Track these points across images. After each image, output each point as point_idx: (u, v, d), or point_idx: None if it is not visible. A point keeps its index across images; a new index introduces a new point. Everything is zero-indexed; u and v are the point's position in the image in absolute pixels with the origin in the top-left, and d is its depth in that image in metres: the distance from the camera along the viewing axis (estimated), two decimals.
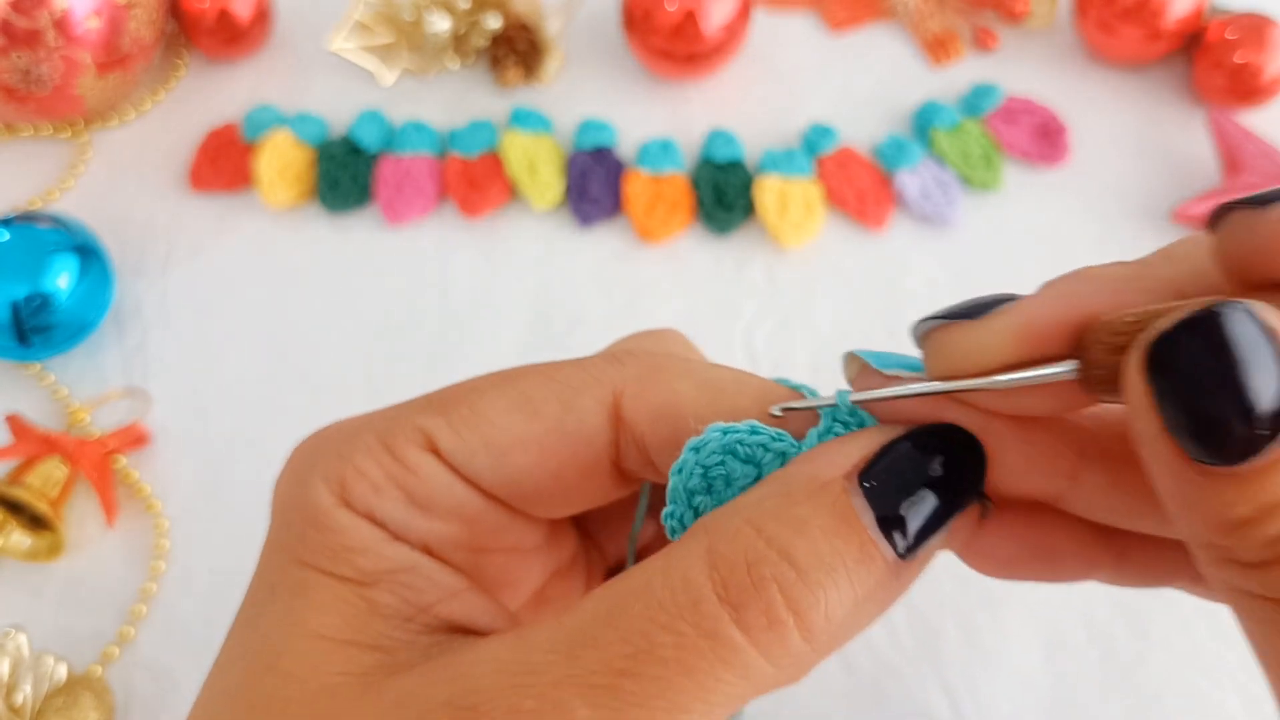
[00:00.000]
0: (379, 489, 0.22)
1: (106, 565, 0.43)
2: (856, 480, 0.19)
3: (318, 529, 0.21)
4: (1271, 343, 0.16)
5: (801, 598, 0.17)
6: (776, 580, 0.17)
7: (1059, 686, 0.40)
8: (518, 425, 0.21)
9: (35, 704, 0.39)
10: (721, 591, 0.17)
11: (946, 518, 0.19)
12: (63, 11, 0.48)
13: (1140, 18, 0.52)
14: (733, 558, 0.17)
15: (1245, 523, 0.16)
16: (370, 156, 0.52)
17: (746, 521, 0.18)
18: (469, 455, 0.22)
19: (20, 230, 0.46)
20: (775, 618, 0.17)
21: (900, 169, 0.51)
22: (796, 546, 0.17)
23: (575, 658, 0.17)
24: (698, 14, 0.51)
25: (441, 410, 0.22)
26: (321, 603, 0.21)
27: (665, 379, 0.21)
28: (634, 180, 0.51)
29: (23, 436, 0.44)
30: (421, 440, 0.22)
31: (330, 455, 0.22)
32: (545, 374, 0.22)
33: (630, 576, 0.18)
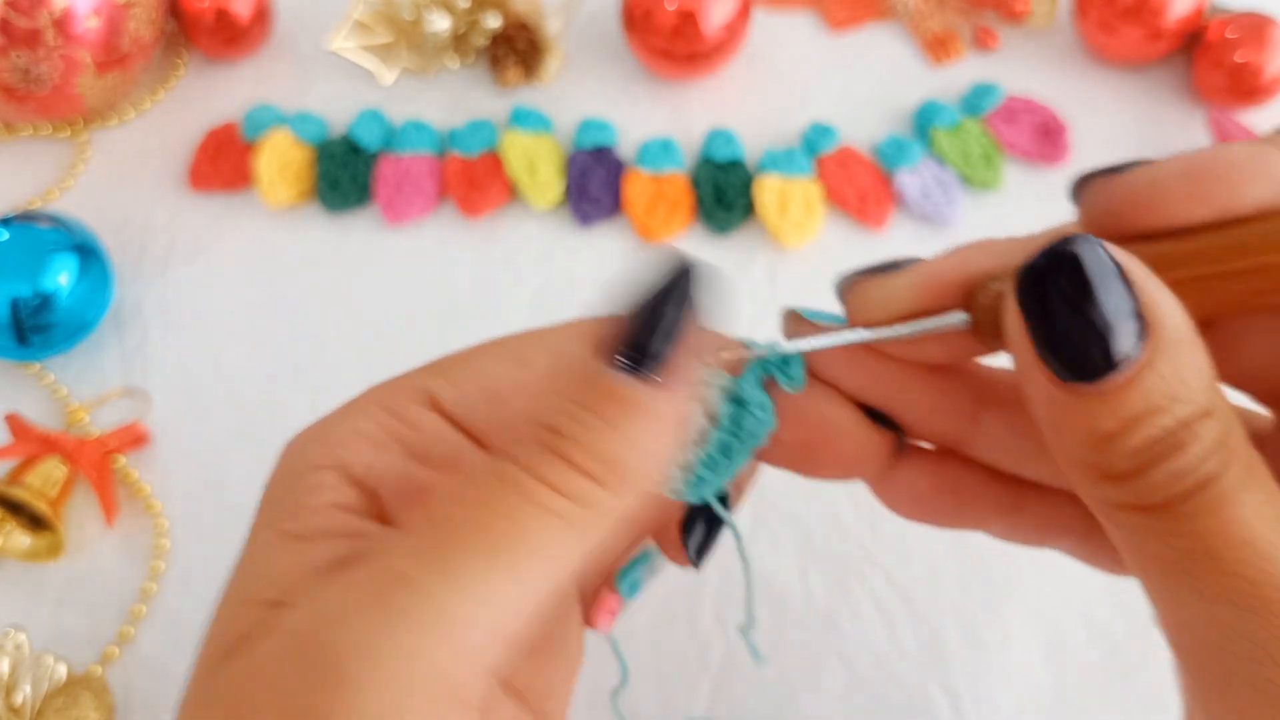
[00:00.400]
0: (379, 444, 0.23)
1: (106, 565, 0.43)
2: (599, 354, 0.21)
3: (290, 489, 0.23)
4: (1119, 270, 0.18)
5: (560, 445, 0.20)
6: (540, 442, 0.20)
7: (1059, 686, 0.40)
8: (510, 372, 0.24)
9: (35, 704, 0.39)
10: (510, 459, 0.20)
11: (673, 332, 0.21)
12: (62, 11, 0.48)
13: (1140, 17, 0.52)
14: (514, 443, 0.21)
15: (1112, 436, 0.18)
16: (370, 156, 0.52)
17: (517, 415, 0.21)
18: (469, 405, 0.23)
19: (20, 230, 0.46)
20: (550, 463, 0.20)
21: (900, 168, 0.51)
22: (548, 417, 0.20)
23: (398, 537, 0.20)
24: (698, 14, 0.51)
25: (437, 370, 0.24)
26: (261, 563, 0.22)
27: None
28: (634, 180, 0.51)
29: (22, 436, 0.44)
30: (421, 398, 0.23)
31: (328, 423, 0.24)
32: (534, 333, 0.25)
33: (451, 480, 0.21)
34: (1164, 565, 0.19)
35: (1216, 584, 0.18)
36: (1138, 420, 0.18)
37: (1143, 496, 0.18)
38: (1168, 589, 0.19)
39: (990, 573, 0.42)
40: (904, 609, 0.41)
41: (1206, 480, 0.18)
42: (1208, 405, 0.18)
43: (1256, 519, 0.18)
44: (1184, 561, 0.18)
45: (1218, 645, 0.18)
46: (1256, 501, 0.18)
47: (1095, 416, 0.18)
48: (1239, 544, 0.18)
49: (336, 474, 0.23)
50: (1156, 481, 0.18)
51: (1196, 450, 0.18)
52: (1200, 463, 0.18)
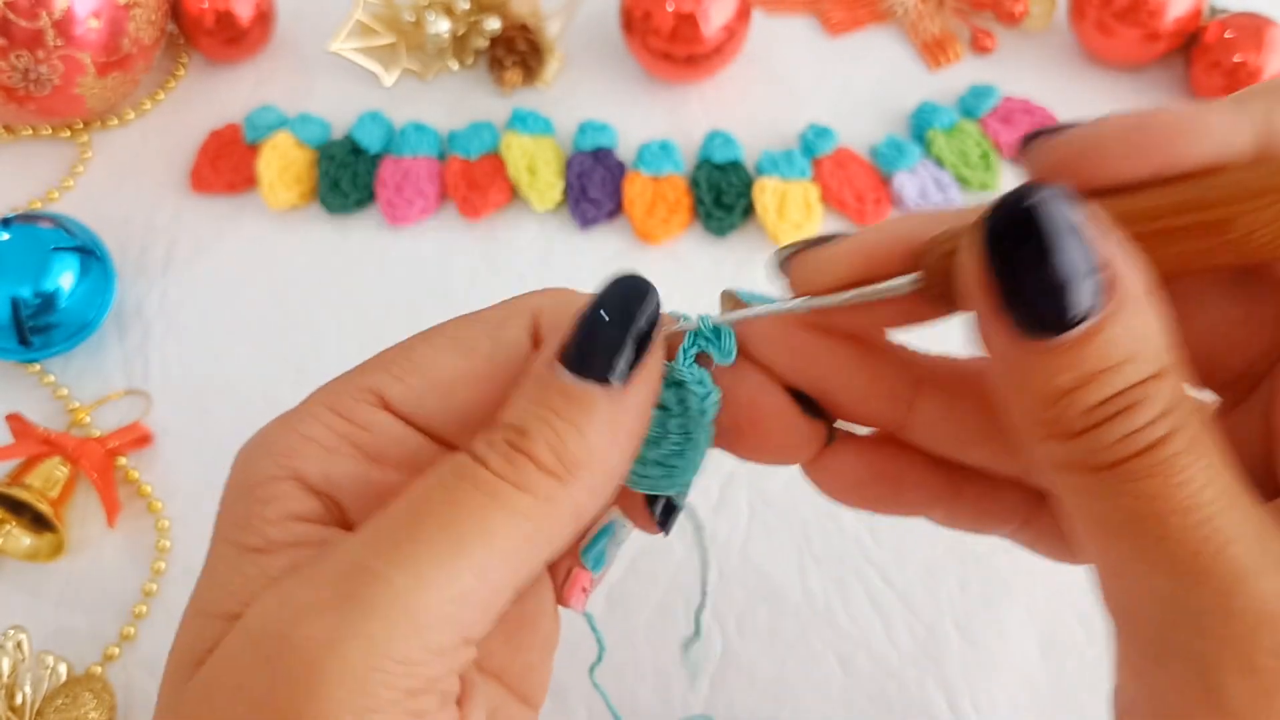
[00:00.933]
0: (333, 449, 0.23)
1: (107, 565, 0.43)
2: (558, 359, 0.22)
3: (247, 500, 0.22)
4: (1081, 224, 0.18)
5: (524, 444, 0.21)
6: (508, 440, 0.21)
7: (1057, 685, 0.40)
8: (454, 363, 0.24)
9: (36, 703, 0.39)
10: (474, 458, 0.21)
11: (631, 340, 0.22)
12: (63, 12, 0.48)
13: (1138, 18, 0.53)
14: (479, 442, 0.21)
15: (1066, 392, 0.18)
16: (371, 157, 0.52)
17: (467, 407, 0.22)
18: (417, 400, 0.23)
19: (21, 230, 0.46)
20: (515, 461, 0.21)
21: (898, 170, 0.51)
22: (512, 417, 0.21)
23: (362, 531, 0.20)
24: (697, 16, 0.51)
25: (380, 366, 0.24)
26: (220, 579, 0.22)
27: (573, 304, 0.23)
28: (634, 181, 0.51)
29: (24, 436, 0.44)
30: (369, 397, 0.23)
31: (276, 430, 0.23)
32: (469, 317, 0.25)
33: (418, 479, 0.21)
34: (1107, 528, 0.19)
35: (1157, 550, 0.18)
36: (1094, 377, 0.18)
37: (1092, 455, 0.18)
38: (1110, 551, 0.19)
39: (987, 571, 0.42)
40: (901, 607, 0.41)
41: (1156, 443, 0.18)
42: (1163, 367, 0.18)
43: (1202, 487, 0.18)
44: (1128, 524, 0.18)
45: (1154, 613, 0.19)
46: (1203, 469, 0.18)
47: (1052, 372, 0.18)
48: (1183, 510, 0.18)
49: (292, 483, 0.22)
50: (1107, 440, 0.18)
51: (1148, 412, 0.18)
52: (1151, 425, 0.18)
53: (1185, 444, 0.18)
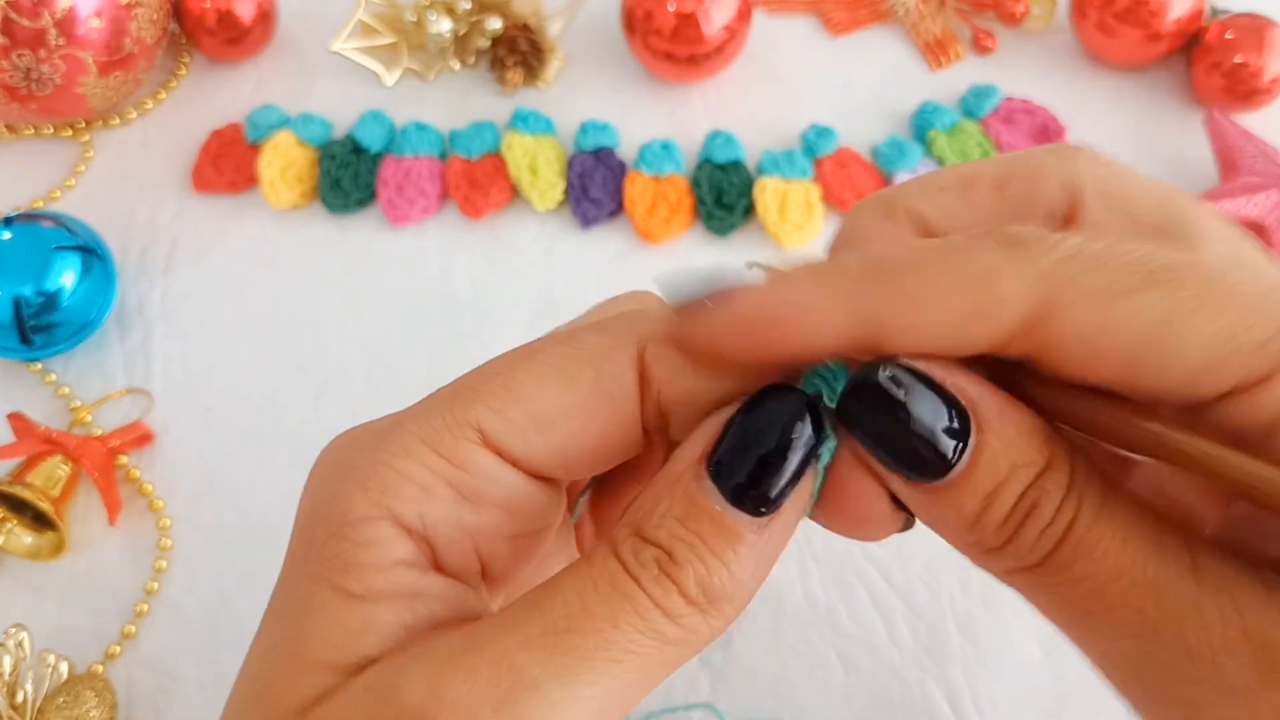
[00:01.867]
0: (429, 489, 0.21)
1: (109, 563, 0.43)
2: (705, 463, 0.21)
3: (340, 540, 0.21)
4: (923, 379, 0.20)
5: (674, 573, 0.20)
6: (656, 561, 0.20)
7: (1059, 684, 0.40)
8: (557, 395, 0.22)
9: (37, 702, 0.39)
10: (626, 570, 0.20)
11: (791, 475, 0.21)
12: (65, 12, 0.48)
13: (1139, 19, 0.53)
14: (629, 554, 0.20)
15: (977, 516, 0.20)
16: (372, 157, 0.52)
17: (632, 528, 0.21)
18: (518, 435, 0.22)
19: (23, 230, 0.46)
20: (664, 586, 0.20)
21: (899, 170, 0.51)
22: (660, 537, 0.20)
23: (516, 628, 0.20)
24: (698, 16, 0.51)
25: (479, 397, 0.22)
26: (319, 628, 0.21)
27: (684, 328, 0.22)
28: (635, 181, 0.51)
29: (25, 435, 0.44)
30: (468, 433, 0.22)
31: (367, 461, 0.22)
32: (569, 343, 0.23)
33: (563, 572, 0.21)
34: (1064, 614, 0.20)
35: (1109, 621, 0.19)
36: (993, 495, 0.19)
37: (1022, 560, 0.20)
38: (1076, 633, 0.20)
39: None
40: (903, 606, 0.41)
41: (1067, 530, 0.19)
42: (1047, 458, 0.19)
43: (1123, 548, 0.19)
44: (1078, 607, 0.19)
45: (1134, 675, 0.19)
46: (1117, 532, 0.19)
47: (956, 504, 0.20)
48: (1115, 576, 0.19)
49: (389, 525, 0.21)
50: (1026, 545, 0.19)
51: (1048, 506, 0.19)
52: (1056, 516, 0.19)
53: (1092, 516, 0.19)
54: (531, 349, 0.23)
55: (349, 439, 0.23)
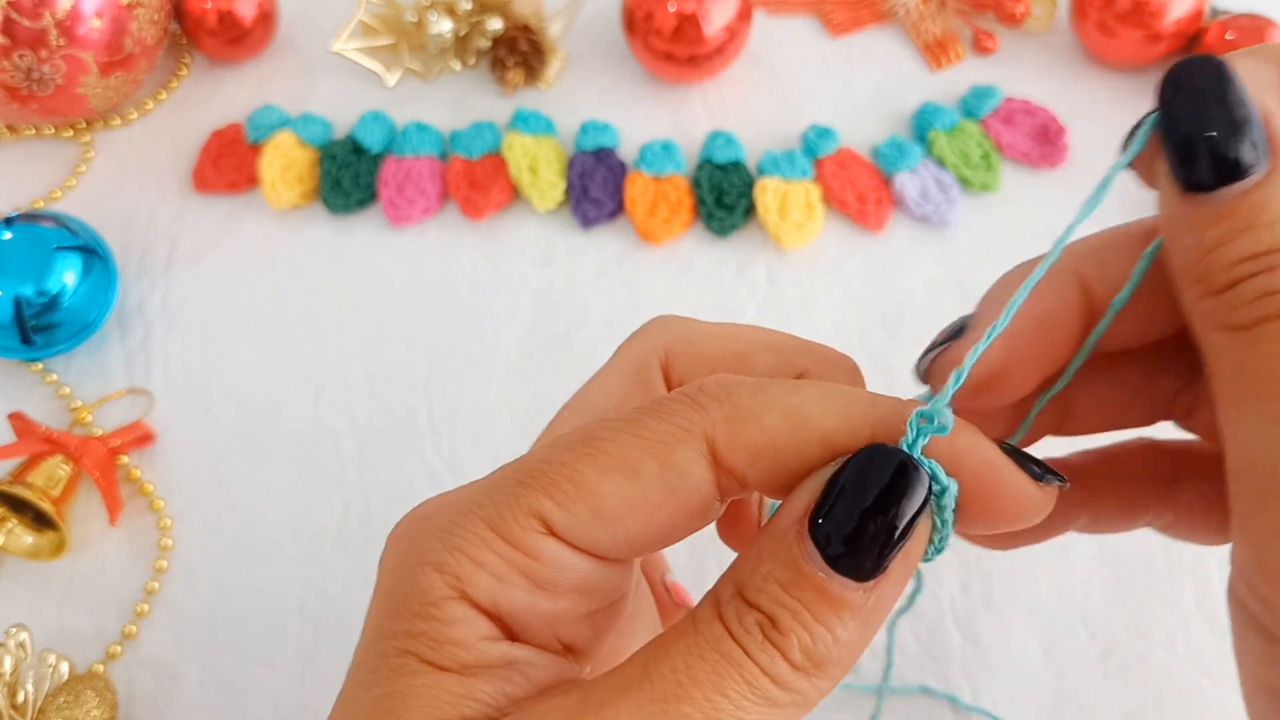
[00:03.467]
0: (502, 579, 0.22)
1: (109, 563, 0.43)
2: (807, 525, 0.20)
3: (426, 619, 0.21)
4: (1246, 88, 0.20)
5: (779, 640, 0.20)
6: (760, 627, 0.20)
7: (1059, 685, 0.40)
8: (621, 490, 0.22)
9: (38, 702, 0.39)
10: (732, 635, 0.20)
11: (895, 537, 0.20)
12: (66, 12, 0.48)
13: (1139, 19, 0.53)
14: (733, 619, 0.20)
15: (1215, 246, 0.20)
16: (373, 157, 0.52)
17: (732, 583, 0.21)
18: (583, 529, 0.22)
19: (24, 230, 0.46)
20: (770, 653, 0.20)
21: (899, 170, 0.51)
22: (763, 603, 0.20)
23: (626, 694, 0.20)
24: (699, 16, 0.51)
25: (543, 488, 0.22)
26: (419, 689, 0.21)
27: (753, 418, 0.22)
28: (635, 182, 0.51)
29: (26, 435, 0.44)
30: (535, 524, 0.22)
31: (440, 545, 0.22)
32: (630, 432, 0.22)
33: (671, 632, 0.21)
34: (1237, 387, 0.20)
35: (1276, 407, 0.19)
36: (1240, 232, 0.19)
37: (1233, 313, 0.20)
38: (1234, 408, 0.20)
39: (989, 571, 0.42)
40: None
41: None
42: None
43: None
44: (1255, 383, 0.19)
45: (1263, 465, 0.20)
46: None
47: (1205, 225, 0.20)
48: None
49: (466, 605, 0.21)
50: (1245, 297, 0.19)
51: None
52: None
53: None
54: (594, 435, 0.22)
55: (422, 517, 0.23)
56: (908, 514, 0.20)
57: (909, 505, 0.20)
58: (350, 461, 0.45)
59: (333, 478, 0.45)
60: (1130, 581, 0.42)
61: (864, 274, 0.50)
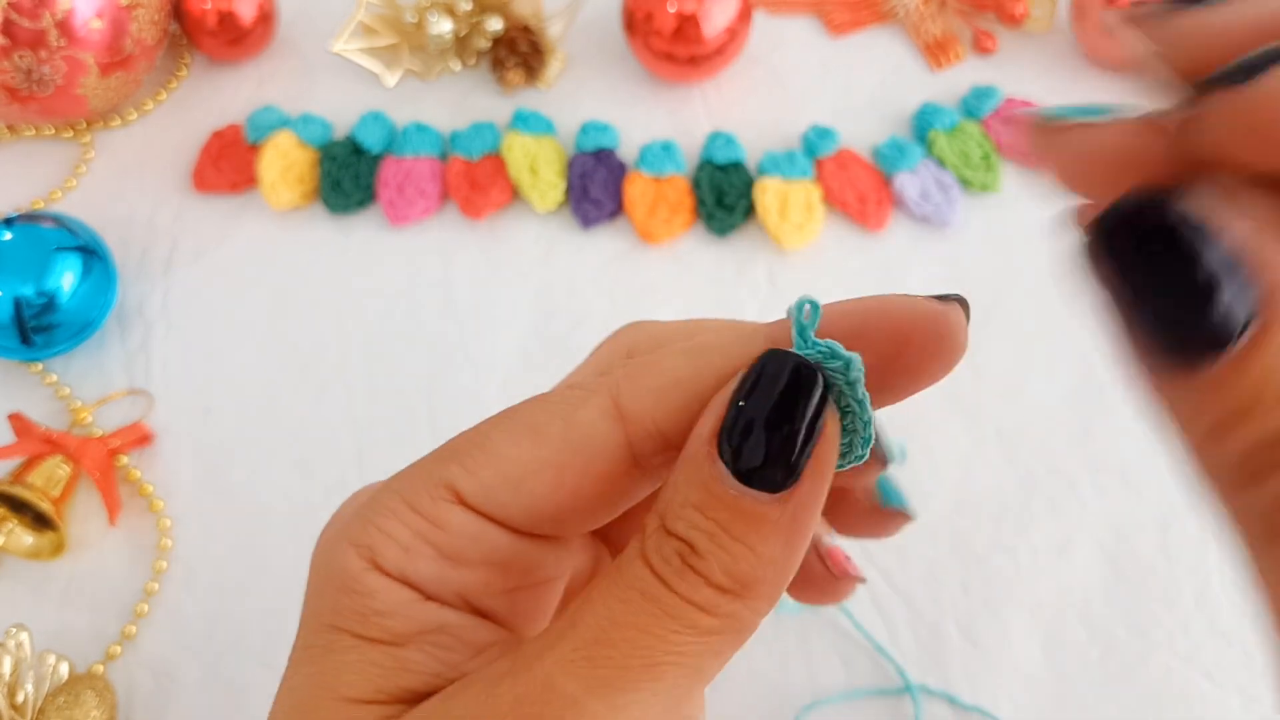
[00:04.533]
0: (409, 549, 0.22)
1: (109, 564, 0.43)
2: (714, 444, 0.20)
3: (348, 594, 0.22)
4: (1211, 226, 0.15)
5: (699, 564, 0.19)
6: (680, 555, 0.20)
7: (1059, 686, 0.40)
8: (526, 452, 0.22)
9: (37, 702, 0.39)
10: (654, 573, 0.20)
11: (799, 443, 0.19)
12: (65, 12, 0.48)
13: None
14: (652, 550, 0.20)
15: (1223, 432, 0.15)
16: (373, 158, 0.52)
17: (656, 516, 0.20)
18: (489, 494, 0.22)
19: (23, 230, 0.46)
20: (691, 582, 0.19)
21: (900, 171, 0.51)
22: (679, 529, 0.20)
23: (552, 647, 0.20)
24: (699, 17, 0.51)
25: (454, 458, 0.22)
26: (350, 664, 0.21)
27: (652, 363, 0.22)
28: (635, 182, 0.51)
29: (25, 435, 0.44)
30: (443, 492, 0.22)
31: (356, 520, 0.22)
32: (542, 400, 0.23)
33: (599, 581, 0.21)
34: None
35: None
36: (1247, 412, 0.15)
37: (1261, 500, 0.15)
38: None
39: (989, 572, 0.42)
40: (903, 608, 0.41)
41: None
42: None
43: None
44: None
45: None
46: None
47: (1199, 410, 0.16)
48: None
49: (382, 575, 0.22)
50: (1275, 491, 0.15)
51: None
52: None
53: None
54: (512, 409, 0.23)
55: (351, 499, 0.23)
56: (807, 414, 0.19)
57: (806, 403, 0.19)
58: (350, 461, 0.45)
59: (333, 478, 0.45)
60: (1130, 582, 0.42)
61: (864, 274, 0.50)
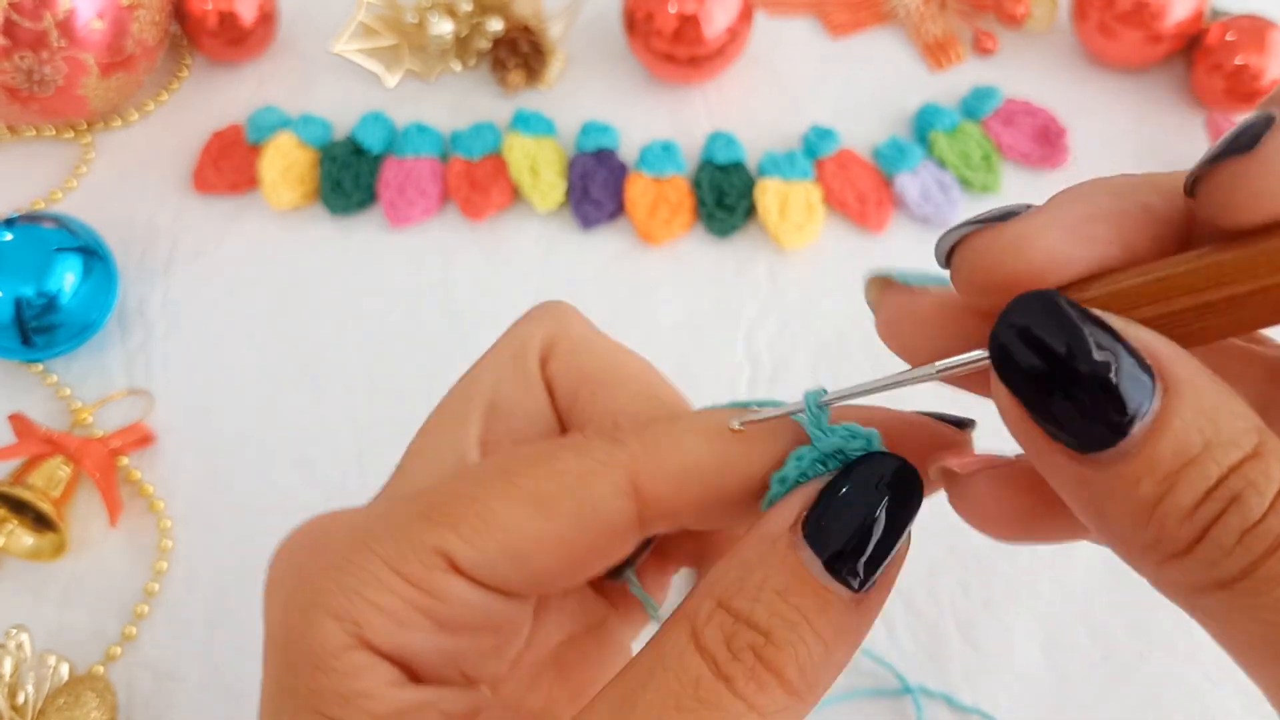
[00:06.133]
0: (404, 622, 0.20)
1: (109, 565, 0.43)
2: (801, 531, 0.19)
3: (327, 672, 0.20)
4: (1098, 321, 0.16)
5: (774, 658, 0.18)
6: (752, 648, 0.18)
7: (1060, 686, 0.40)
8: (533, 527, 0.21)
9: (38, 703, 0.39)
10: (714, 668, 0.18)
11: (893, 543, 0.19)
12: (66, 13, 0.48)
13: (1140, 20, 0.53)
14: (713, 638, 0.18)
15: (1157, 500, 0.16)
16: (373, 158, 0.52)
17: (716, 601, 0.19)
18: (490, 567, 0.21)
19: (24, 231, 0.46)
20: (761, 681, 0.18)
21: (900, 171, 0.51)
22: (758, 614, 0.18)
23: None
24: (699, 17, 0.51)
25: (448, 522, 0.21)
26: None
27: (672, 443, 0.21)
28: (636, 182, 0.51)
29: (26, 436, 0.44)
30: (438, 561, 0.20)
31: (335, 588, 0.20)
32: (545, 466, 0.21)
33: (635, 669, 0.19)
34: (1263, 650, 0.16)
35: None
36: (1178, 475, 0.16)
37: (1215, 569, 0.16)
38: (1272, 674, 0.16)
39: (989, 573, 0.42)
40: (903, 609, 0.41)
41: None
42: (1256, 444, 0.16)
43: None
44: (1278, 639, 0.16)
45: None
46: None
47: (1131, 483, 0.16)
48: None
49: (367, 654, 0.20)
50: (1224, 546, 0.15)
51: (1257, 500, 0.15)
52: (1269, 515, 0.15)
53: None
54: (506, 469, 0.21)
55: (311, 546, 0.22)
56: (908, 520, 0.19)
57: (908, 510, 0.19)
58: (350, 461, 0.45)
59: (333, 478, 0.45)
60: (1130, 583, 0.42)
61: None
